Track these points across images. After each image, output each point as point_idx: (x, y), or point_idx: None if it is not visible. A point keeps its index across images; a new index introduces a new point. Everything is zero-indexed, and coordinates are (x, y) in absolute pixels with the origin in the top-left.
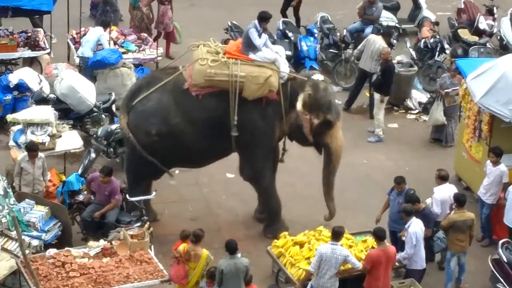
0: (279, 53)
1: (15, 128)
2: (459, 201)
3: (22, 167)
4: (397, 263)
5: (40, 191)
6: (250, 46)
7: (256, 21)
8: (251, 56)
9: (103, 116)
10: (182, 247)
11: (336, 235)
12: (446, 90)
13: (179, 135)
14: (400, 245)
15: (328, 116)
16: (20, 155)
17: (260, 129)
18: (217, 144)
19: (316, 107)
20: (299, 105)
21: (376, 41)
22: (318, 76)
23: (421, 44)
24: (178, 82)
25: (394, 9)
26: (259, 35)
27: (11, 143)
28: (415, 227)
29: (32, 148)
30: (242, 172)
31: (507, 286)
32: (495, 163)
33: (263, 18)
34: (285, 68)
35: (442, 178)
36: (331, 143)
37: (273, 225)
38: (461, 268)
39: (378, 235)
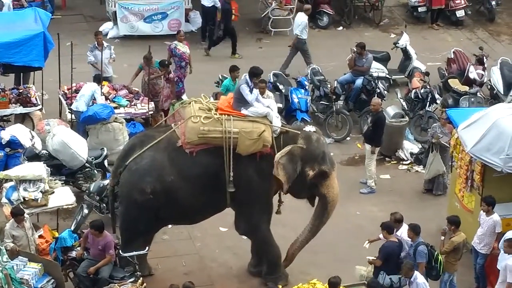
0: (270, 107)
1: (7, 185)
2: (456, 222)
3: (13, 235)
4: None
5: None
6: (242, 101)
7: (247, 76)
8: (243, 111)
9: (95, 171)
10: None
11: (332, 286)
12: (439, 137)
13: (174, 193)
14: None
15: (323, 167)
16: (7, 224)
17: (256, 184)
18: (212, 200)
19: (310, 159)
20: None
21: None
22: (309, 128)
23: (412, 95)
24: (171, 140)
25: (384, 60)
26: (251, 91)
27: (4, 200)
28: (421, 278)
29: (18, 213)
30: (238, 228)
31: None
32: (488, 212)
33: (254, 73)
34: (277, 122)
35: (399, 221)
36: (327, 193)
37: (274, 273)
38: None
39: (371, 287)
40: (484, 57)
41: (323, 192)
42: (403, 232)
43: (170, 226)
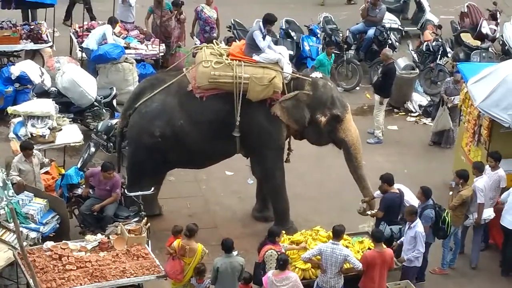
0: (282, 54)
1: (15, 120)
2: (465, 176)
3: (20, 169)
4: (397, 264)
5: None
6: (253, 47)
7: (261, 23)
8: (255, 57)
9: (103, 110)
10: (177, 242)
11: (337, 233)
12: (452, 100)
13: (183, 137)
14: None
15: (334, 111)
16: (15, 158)
17: (266, 130)
18: (221, 146)
19: (319, 105)
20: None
21: None
22: (316, 74)
23: (423, 47)
24: (182, 84)
25: (398, 11)
26: (263, 37)
27: (11, 135)
28: (421, 227)
29: (27, 147)
30: (254, 173)
31: None
32: (494, 167)
33: (269, 21)
34: (288, 68)
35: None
36: (345, 137)
37: (283, 225)
38: (457, 245)
39: (376, 237)
40: (498, 12)
41: (341, 137)
42: None
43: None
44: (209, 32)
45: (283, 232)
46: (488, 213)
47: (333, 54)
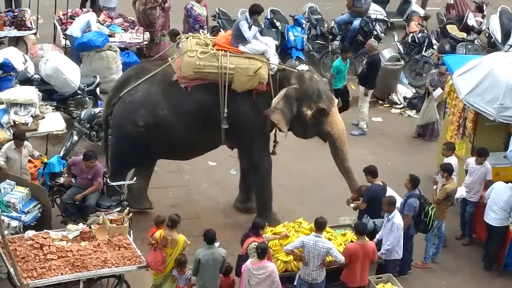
0: (268, 45)
1: None
2: (449, 170)
3: (8, 156)
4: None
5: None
6: (240, 38)
7: (247, 13)
8: (241, 48)
9: (87, 99)
10: (158, 233)
11: (319, 226)
12: (431, 98)
13: (167, 127)
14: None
15: (320, 104)
16: (6, 144)
17: (252, 121)
18: (205, 137)
19: (305, 98)
20: (274, 101)
21: None
22: (302, 66)
23: (409, 39)
24: (167, 74)
25: (383, 2)
26: (249, 27)
27: None
28: (399, 219)
29: (19, 137)
30: (242, 163)
31: None
32: (480, 163)
33: (255, 11)
34: (274, 59)
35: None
36: (331, 130)
37: (265, 216)
38: (440, 238)
39: (358, 229)
40: (484, 5)
41: (327, 130)
42: None
43: None
44: (198, 30)
45: (267, 224)
46: (460, 192)
47: (348, 59)
